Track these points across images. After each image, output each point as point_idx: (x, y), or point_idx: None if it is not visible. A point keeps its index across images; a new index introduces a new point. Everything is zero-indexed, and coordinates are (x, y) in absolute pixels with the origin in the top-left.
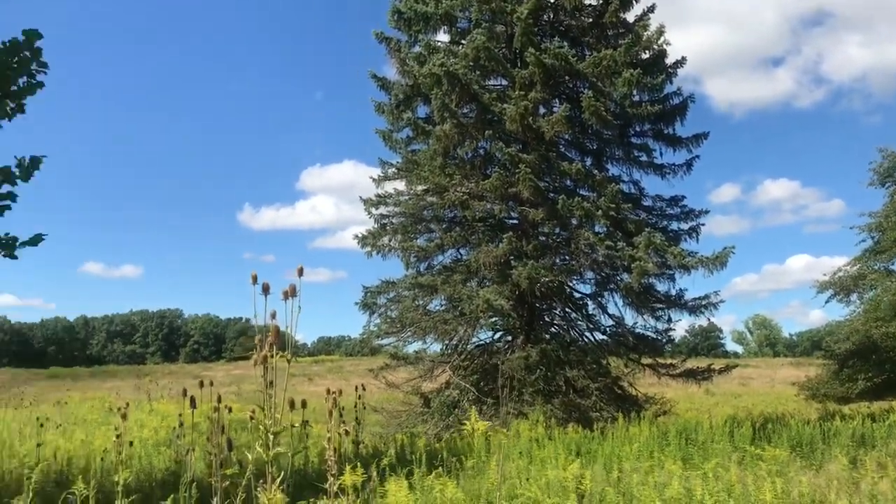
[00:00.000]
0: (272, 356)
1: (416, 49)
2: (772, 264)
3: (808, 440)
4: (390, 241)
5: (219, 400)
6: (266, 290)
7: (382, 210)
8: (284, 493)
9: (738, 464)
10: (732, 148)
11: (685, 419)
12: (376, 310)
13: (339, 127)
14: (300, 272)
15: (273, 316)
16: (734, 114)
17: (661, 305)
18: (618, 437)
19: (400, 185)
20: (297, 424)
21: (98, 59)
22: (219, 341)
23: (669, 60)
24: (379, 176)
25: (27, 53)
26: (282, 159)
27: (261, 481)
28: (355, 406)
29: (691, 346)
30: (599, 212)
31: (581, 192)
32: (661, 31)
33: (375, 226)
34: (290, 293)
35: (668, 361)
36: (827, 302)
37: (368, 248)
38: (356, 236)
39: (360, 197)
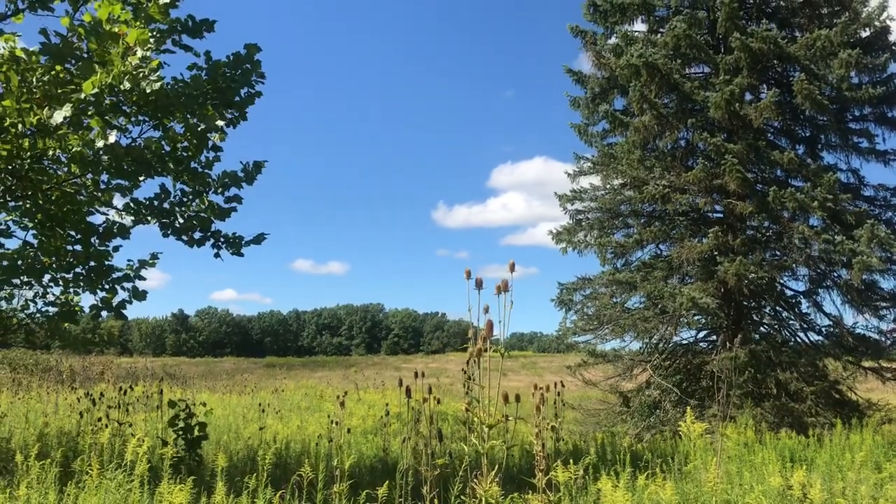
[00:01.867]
0: (486, 350)
1: (613, 41)
2: None
3: None
4: (586, 236)
5: (429, 391)
6: (479, 284)
7: (578, 206)
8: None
9: None
10: None
11: None
12: (572, 306)
13: (529, 124)
14: (511, 268)
15: (486, 310)
16: None
17: (885, 304)
18: (836, 444)
19: (595, 179)
20: (511, 418)
21: (307, 62)
22: (417, 334)
23: (894, 38)
24: (574, 171)
25: (248, 66)
26: (473, 158)
27: (475, 473)
28: (554, 402)
29: None
30: (815, 203)
31: (794, 183)
32: (883, 7)
33: (570, 221)
34: (503, 288)
35: (894, 365)
36: None
37: (564, 244)
38: (550, 232)
39: (555, 193)
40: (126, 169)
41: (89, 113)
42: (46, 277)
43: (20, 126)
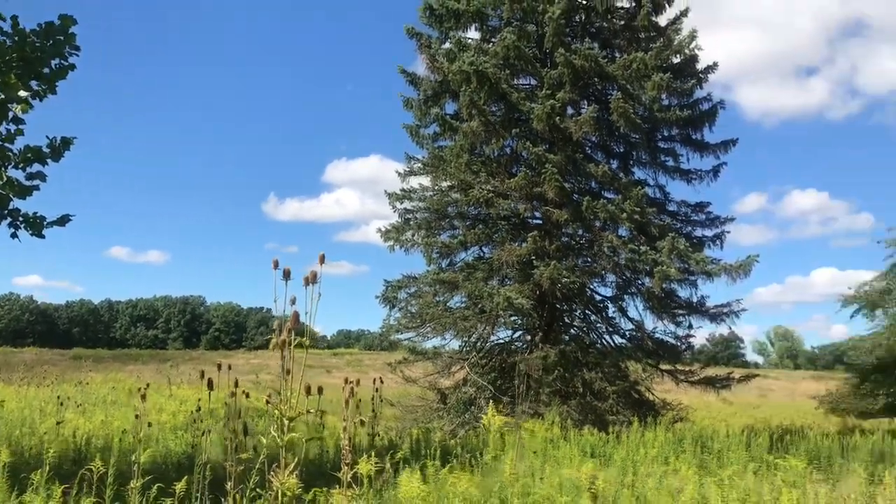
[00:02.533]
0: (290, 342)
1: (447, 46)
2: (796, 276)
3: (827, 453)
4: (413, 236)
5: (236, 385)
6: (287, 275)
7: (407, 205)
8: (298, 480)
9: (755, 473)
10: (761, 157)
11: (701, 426)
12: (397, 304)
13: (367, 121)
14: (321, 260)
15: (293, 302)
16: (765, 122)
17: (682, 311)
18: (633, 441)
19: (425, 180)
20: (312, 411)
21: (136, 41)
22: (240, 330)
23: (700, 65)
24: (404, 171)
25: (61, 37)
26: (308, 151)
27: (274, 465)
28: (372, 398)
29: (711, 355)
30: (624, 215)
31: (606, 195)
32: (692, 36)
33: (399, 220)
34: (311, 280)
35: (687, 368)
36: (852, 316)
37: (391, 243)
38: (379, 230)
39: (385, 191)
40: None
41: None
42: None
43: None
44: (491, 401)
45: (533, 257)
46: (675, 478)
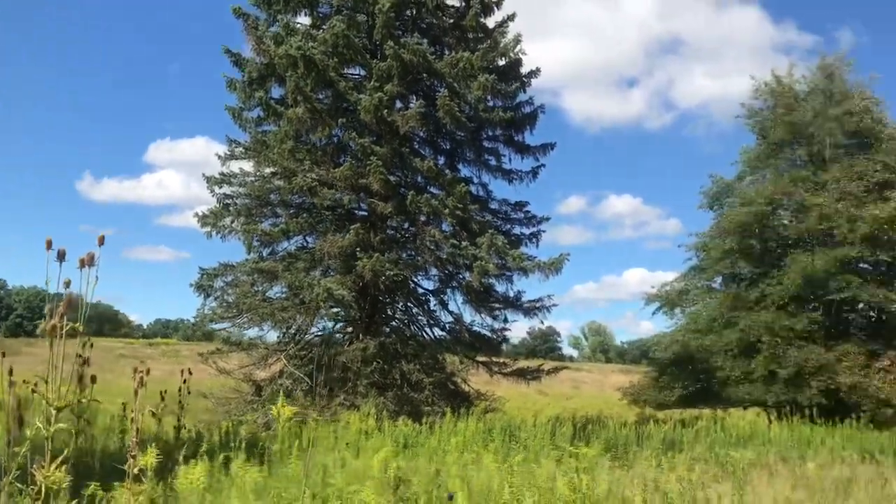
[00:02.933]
0: (63, 326)
1: (275, 29)
2: (611, 275)
3: (623, 441)
4: (233, 222)
5: (10, 373)
6: (62, 256)
7: (227, 189)
8: (67, 473)
9: (557, 461)
10: (583, 161)
11: (511, 417)
12: (212, 293)
13: (194, 102)
14: (100, 241)
15: (67, 284)
16: (588, 128)
17: (498, 305)
18: (445, 431)
19: (247, 165)
20: (84, 400)
21: None
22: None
23: (525, 70)
24: (225, 154)
25: None
26: (129, 129)
27: (37, 458)
28: (179, 390)
29: (531, 348)
30: (447, 210)
31: (431, 190)
32: (517, 40)
33: (218, 205)
34: (88, 262)
35: (502, 360)
36: (654, 314)
37: (209, 229)
38: (196, 214)
39: (204, 174)
40: None
41: None
42: None
43: None
44: (307, 394)
45: (357, 249)
46: (479, 465)
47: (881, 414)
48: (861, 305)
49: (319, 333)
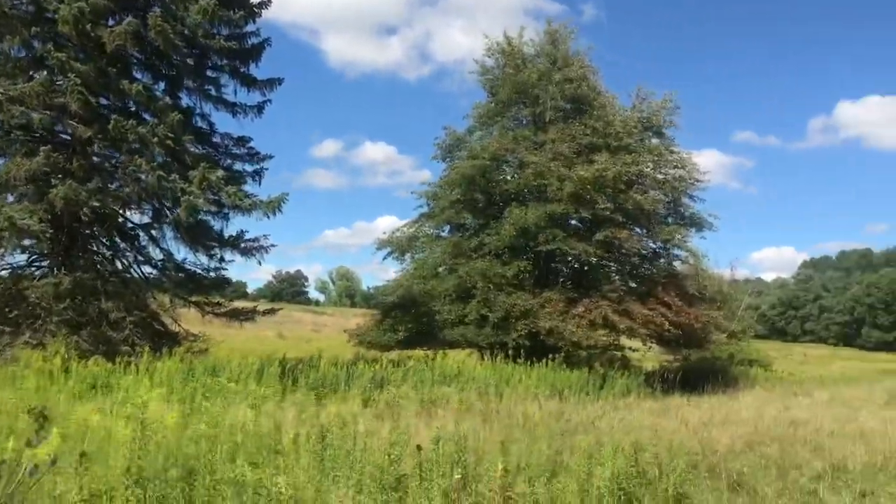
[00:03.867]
0: None
1: None
2: (363, 221)
3: (333, 380)
4: None
5: None
6: None
7: None
8: None
9: (247, 399)
10: (340, 106)
11: (217, 357)
12: None
13: None
14: None
15: None
16: (347, 73)
17: (215, 244)
18: (143, 370)
19: None
20: None
21: None
22: None
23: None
24: None
25: None
26: None
27: None
28: None
29: (276, 291)
30: (156, 139)
31: (145, 117)
32: None
33: None
34: None
35: (217, 300)
36: (384, 259)
37: None
38: None
39: None
40: None
41: None
42: None
43: None
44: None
45: (50, 175)
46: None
47: (575, 356)
48: (570, 259)
49: (8, 266)
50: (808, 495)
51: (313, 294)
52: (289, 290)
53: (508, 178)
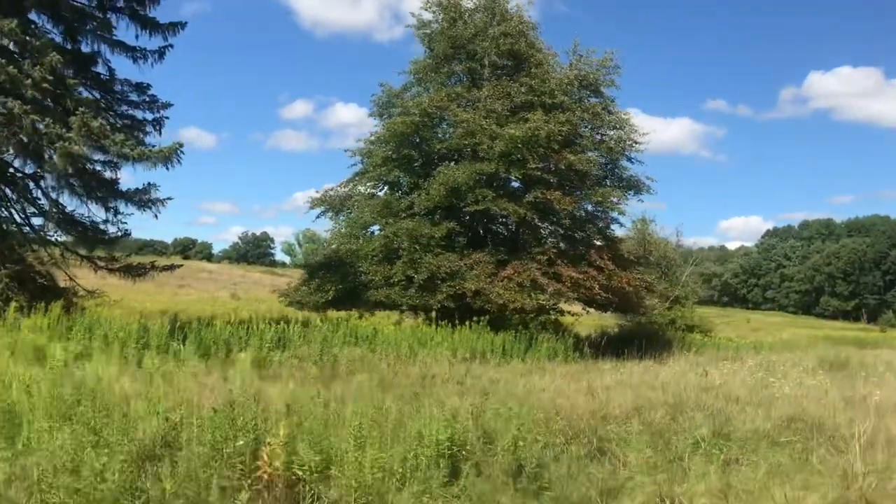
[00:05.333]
0: None
1: None
2: (332, 183)
3: (223, 340)
4: None
5: None
6: None
7: None
8: None
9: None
10: (311, 66)
11: (102, 315)
12: None
13: None
14: None
15: None
16: (318, 33)
17: (108, 195)
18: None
19: None
20: None
21: None
22: None
23: None
24: None
25: None
26: None
27: None
28: None
29: (242, 253)
30: (29, 81)
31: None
32: None
33: None
34: None
35: (113, 255)
36: (318, 218)
37: None
38: None
39: None
40: None
41: None
42: None
43: None
44: None
45: None
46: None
47: (507, 319)
48: (503, 220)
49: None
50: (673, 462)
51: (280, 256)
52: (254, 251)
53: (441, 136)
